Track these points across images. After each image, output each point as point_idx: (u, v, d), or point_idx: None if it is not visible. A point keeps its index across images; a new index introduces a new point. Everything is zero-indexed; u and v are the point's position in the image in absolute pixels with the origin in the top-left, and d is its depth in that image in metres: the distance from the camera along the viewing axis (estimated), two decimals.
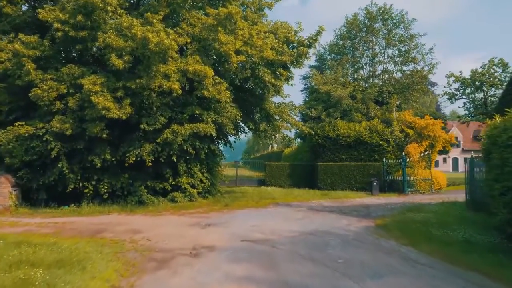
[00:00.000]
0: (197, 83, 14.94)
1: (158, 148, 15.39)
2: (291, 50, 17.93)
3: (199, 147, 16.78)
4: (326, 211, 16.38)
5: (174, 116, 15.94)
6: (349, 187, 25.64)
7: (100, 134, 14.08)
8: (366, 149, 26.22)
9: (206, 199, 18.70)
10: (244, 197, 20.66)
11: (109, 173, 15.95)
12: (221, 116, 16.30)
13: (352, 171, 25.74)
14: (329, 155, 26.85)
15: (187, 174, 17.56)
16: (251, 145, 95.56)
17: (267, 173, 28.26)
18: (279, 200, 19.82)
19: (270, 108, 18.46)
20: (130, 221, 13.11)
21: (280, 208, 17.02)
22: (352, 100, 28.90)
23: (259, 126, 18.88)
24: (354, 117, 28.23)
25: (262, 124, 18.82)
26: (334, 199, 21.07)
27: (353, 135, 26.35)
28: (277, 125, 18.76)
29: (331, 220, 13.84)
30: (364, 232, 11.39)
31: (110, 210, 15.35)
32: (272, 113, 18.47)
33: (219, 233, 11.03)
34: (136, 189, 16.28)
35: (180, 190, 17.44)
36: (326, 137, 26.88)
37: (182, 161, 16.72)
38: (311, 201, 20.04)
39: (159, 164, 16.55)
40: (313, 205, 18.33)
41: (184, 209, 16.03)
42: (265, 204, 18.29)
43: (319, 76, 30.08)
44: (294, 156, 38.22)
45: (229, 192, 23.18)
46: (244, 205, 17.77)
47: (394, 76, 32.47)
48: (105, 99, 13.39)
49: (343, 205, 18.62)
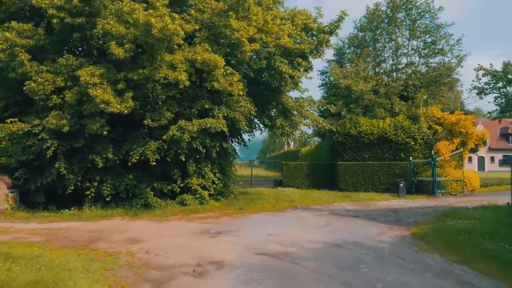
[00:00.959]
0: (206, 74, 13.48)
1: (164, 146, 13.99)
2: (310, 39, 16.28)
3: (210, 145, 15.31)
4: (351, 216, 14.72)
5: (182, 111, 14.52)
6: (373, 188, 23.81)
7: (100, 131, 12.74)
8: (390, 148, 24.34)
9: (218, 201, 17.25)
10: (260, 199, 19.12)
11: (112, 174, 14.63)
12: (233, 111, 14.80)
13: (375, 171, 23.91)
14: (351, 154, 25.06)
15: (197, 175, 16.13)
16: (266, 144, 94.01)
17: (284, 173, 26.65)
18: (297, 203, 18.21)
19: (287, 102, 16.83)
20: (131, 228, 11.72)
21: (299, 212, 15.42)
22: (374, 95, 27.01)
23: (275, 122, 17.28)
24: (377, 113, 26.35)
25: (278, 120, 17.22)
26: (357, 202, 19.36)
27: (376, 132, 24.50)
28: (295, 120, 17.11)
29: (359, 227, 12.18)
30: (400, 244, 9.70)
31: (113, 214, 14.03)
32: (289, 108, 16.85)
33: (230, 244, 9.51)
34: (142, 191, 14.92)
35: (190, 192, 16.03)
36: (347, 134, 25.09)
37: (191, 160, 15.29)
38: (333, 204, 18.38)
39: (167, 164, 15.17)
40: (335, 209, 16.67)
41: (193, 213, 14.59)
42: (282, 207, 16.71)
43: (338, 70, 28.29)
44: (312, 155, 36.46)
45: (244, 193, 21.68)
46: (259, 208, 16.24)
47: (419, 69, 30.37)
48: (105, 91, 12.04)
49: (368, 209, 16.92)
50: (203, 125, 13.33)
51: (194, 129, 13.14)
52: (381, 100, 26.69)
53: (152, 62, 12.53)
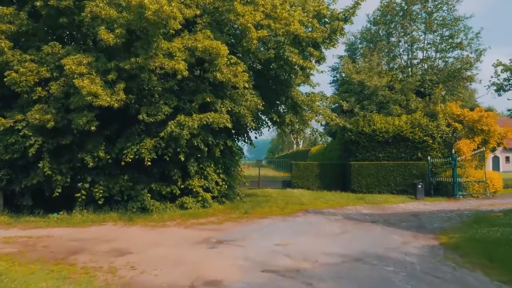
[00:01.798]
0: (208, 64, 12.11)
1: (161, 144, 12.66)
2: (322, 27, 14.82)
3: (213, 143, 13.96)
4: (368, 221, 13.27)
5: (181, 105, 13.18)
6: (388, 190, 22.26)
7: (88, 126, 11.42)
8: (407, 146, 22.77)
9: (222, 204, 15.90)
10: (268, 202, 17.74)
11: (105, 175, 13.35)
12: (238, 105, 13.41)
13: (391, 171, 22.34)
14: (364, 153, 23.54)
15: (199, 176, 14.80)
16: (275, 144, 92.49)
17: (294, 174, 25.21)
18: (308, 206, 16.79)
19: (297, 96, 15.38)
20: (122, 236, 10.40)
21: (311, 217, 14.00)
22: (389, 91, 25.41)
23: (285, 119, 15.83)
24: (392, 110, 24.75)
25: (288, 116, 15.77)
26: (372, 205, 17.89)
27: (391, 130, 22.95)
28: (306, 116, 15.64)
29: (379, 235, 10.74)
30: (431, 257, 8.24)
31: (106, 218, 12.74)
32: (300, 103, 15.39)
33: (231, 257, 8.14)
34: (138, 194, 13.61)
35: (191, 195, 14.70)
36: (360, 132, 23.57)
37: (192, 160, 13.96)
38: (346, 207, 16.94)
39: (165, 164, 13.86)
40: (349, 213, 15.23)
41: (194, 217, 13.26)
42: (292, 211, 15.30)
43: (350, 64, 26.74)
44: (322, 154, 34.98)
45: (250, 195, 20.32)
46: (267, 212, 14.85)
47: (436, 64, 28.63)
48: (93, 82, 10.72)
49: (385, 213, 15.47)
50: (204, 120, 11.94)
51: (194, 125, 11.76)
52: (396, 96, 25.07)
53: (147, 50, 11.19)
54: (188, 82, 13.60)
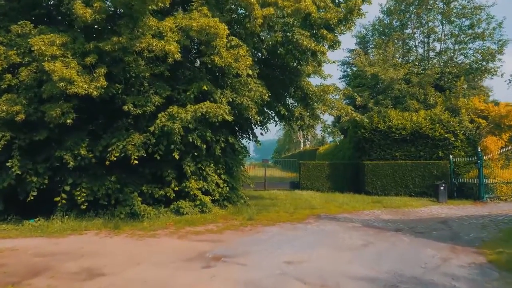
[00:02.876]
0: (205, 46, 10.37)
1: (151, 140, 10.93)
2: (336, 8, 13.01)
3: (212, 140, 12.25)
4: (391, 229, 11.45)
5: (175, 96, 11.47)
6: (406, 192, 20.39)
7: (63, 119, 9.71)
8: (426, 144, 20.89)
9: (224, 209, 14.17)
10: (275, 205, 15.97)
11: (89, 176, 11.66)
12: (240, 95, 11.66)
13: (408, 171, 20.46)
14: (379, 152, 21.69)
15: (197, 177, 13.09)
16: (281, 144, 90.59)
17: (302, 174, 23.40)
18: (320, 210, 15.00)
19: (308, 87, 13.56)
20: (100, 249, 8.68)
21: (325, 224, 12.21)
22: (406, 85, 23.50)
23: (294, 112, 14.03)
24: (409, 105, 22.84)
25: (297, 109, 13.97)
26: (391, 209, 16.05)
27: (409, 127, 21.07)
28: (318, 109, 13.81)
29: (409, 248, 8.93)
30: (486, 282, 6.41)
31: (88, 226, 11.05)
32: (311, 94, 13.59)
33: (229, 282, 6.37)
34: (127, 197, 11.92)
35: (188, 198, 13.00)
36: (375, 129, 21.72)
37: (188, 158, 12.26)
38: (363, 212, 15.13)
39: (158, 163, 12.18)
40: (368, 219, 13.43)
41: (190, 224, 11.54)
42: (302, 216, 13.52)
43: (363, 56, 24.87)
44: (331, 154, 33.09)
45: (256, 198, 18.56)
46: (274, 218, 13.08)
47: (455, 56, 26.65)
48: (68, 66, 9.03)
49: (408, 219, 13.64)
50: (199, 111, 10.15)
51: (188, 117, 10.00)
52: (414, 90, 23.14)
53: (132, 29, 9.49)
54: (183, 70, 11.89)
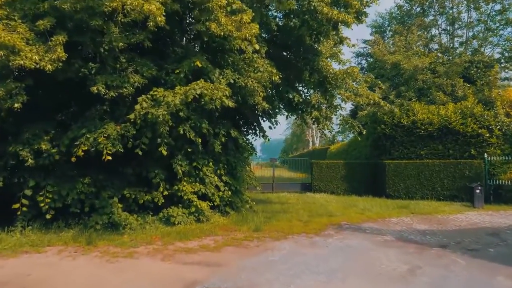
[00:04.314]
0: (198, 10, 8.04)
1: (130, 131, 8.61)
2: None
3: (210, 133, 9.94)
4: (434, 244, 9.07)
5: (162, 77, 9.15)
6: (433, 195, 17.94)
7: (9, 103, 7.41)
8: (456, 141, 18.43)
9: (225, 216, 11.86)
10: (285, 211, 13.62)
11: (55, 177, 9.40)
12: (244, 76, 9.30)
13: (436, 172, 18.00)
14: (401, 149, 19.27)
15: (192, 178, 10.82)
16: (289, 143, 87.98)
17: (315, 175, 21.00)
18: (340, 218, 12.62)
19: (327, 68, 11.13)
20: (51, 278, 6.36)
21: (349, 237, 9.83)
22: (432, 75, 20.97)
23: (310, 100, 11.62)
24: (435, 98, 20.33)
25: (314, 96, 11.57)
26: (422, 216, 13.66)
27: (437, 122, 18.63)
28: (340, 95, 11.35)
29: (471, 276, 6.56)
30: None
31: (53, 241, 8.75)
32: (330, 77, 11.15)
33: None
34: (105, 203, 9.64)
35: (181, 204, 10.70)
36: (397, 125, 19.31)
37: (180, 155, 9.97)
38: (390, 220, 12.75)
39: (144, 162, 9.91)
40: (399, 229, 11.04)
41: (182, 238, 9.22)
42: (320, 226, 11.13)
43: (382, 45, 22.39)
44: (344, 153, 30.58)
45: (263, 202, 16.23)
46: (286, 228, 10.70)
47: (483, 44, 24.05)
48: (14, 31, 6.77)
49: (447, 229, 11.27)
50: (191, 93, 7.78)
51: (176, 101, 7.64)
52: (440, 81, 20.60)
53: None
54: (173, 46, 9.57)
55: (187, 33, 10.01)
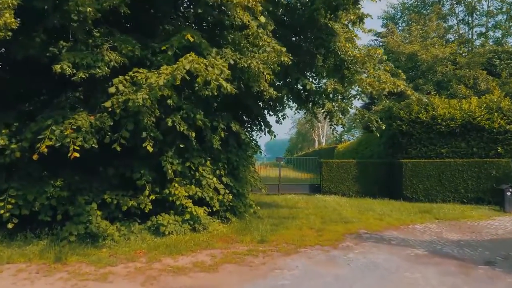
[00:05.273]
0: None
1: (107, 122, 7.01)
2: None
3: (206, 126, 8.35)
4: (477, 261, 7.45)
5: (146, 56, 7.56)
6: (455, 198, 16.26)
7: None
8: (481, 138, 16.71)
9: (226, 223, 10.30)
10: (294, 217, 12.00)
11: (20, 178, 7.85)
12: (248, 56, 7.69)
13: (459, 172, 16.31)
14: (419, 148, 17.59)
15: (187, 180, 9.24)
16: (293, 142, 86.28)
17: (324, 176, 19.34)
18: (357, 225, 10.99)
19: (345, 50, 9.41)
20: None
21: (372, 250, 8.21)
22: (453, 66, 19.23)
23: (325, 87, 9.93)
24: (456, 91, 18.60)
25: (329, 83, 9.90)
26: (448, 222, 12.05)
27: (459, 117, 16.93)
28: (360, 82, 9.63)
29: None
30: None
31: (14, 256, 7.19)
32: (349, 61, 9.44)
33: None
34: (81, 210, 8.06)
35: (173, 211, 9.12)
36: (415, 121, 17.63)
37: (171, 152, 8.39)
38: (414, 227, 11.14)
39: (128, 160, 8.34)
40: (429, 240, 9.43)
41: (173, 252, 7.66)
42: (336, 236, 9.51)
43: (396, 34, 20.68)
44: (353, 152, 28.81)
45: (269, 205, 14.62)
46: (296, 239, 9.09)
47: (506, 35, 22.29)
48: None
49: (484, 239, 9.66)
50: (179, 72, 6.11)
51: (160, 81, 6.01)
52: (463, 73, 18.84)
53: None
54: (162, 23, 8.00)
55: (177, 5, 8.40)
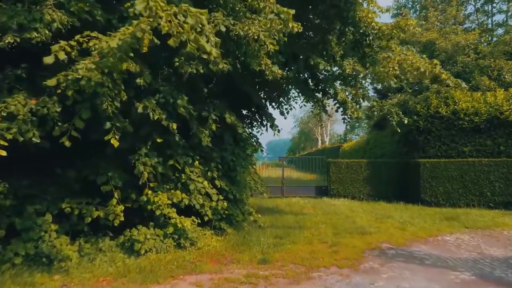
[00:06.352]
0: None
1: (53, 108, 5.20)
2: None
3: (192, 116, 6.53)
4: None
5: (111, 22, 5.74)
6: (481, 202, 14.48)
7: None
8: (509, 135, 14.90)
9: (220, 235, 8.51)
10: (302, 227, 10.17)
11: None
12: (244, 23, 5.84)
13: (484, 173, 14.50)
14: (439, 146, 15.77)
15: (171, 184, 7.44)
16: (296, 142, 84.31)
17: (332, 177, 17.51)
18: (377, 237, 9.16)
19: (368, 20, 7.53)
20: None
21: (405, 276, 6.38)
22: (475, 55, 17.37)
23: (343, 66, 8.04)
24: (479, 83, 16.76)
25: (348, 63, 8.01)
26: (481, 232, 10.31)
27: (484, 112, 15.11)
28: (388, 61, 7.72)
29: None
30: None
31: None
32: (373, 35, 7.55)
33: None
34: (31, 224, 6.26)
35: (153, 222, 7.32)
36: (433, 116, 15.82)
37: (145, 149, 6.57)
38: (443, 238, 9.37)
39: (93, 159, 6.53)
40: (470, 257, 7.62)
41: (146, 280, 5.87)
42: (354, 253, 7.67)
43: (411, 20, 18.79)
44: (361, 151, 26.92)
45: (271, 211, 12.84)
46: (306, 258, 7.26)
47: None
48: None
49: None
50: (139, 30, 4.16)
51: (113, 44, 4.17)
52: (487, 62, 16.95)
53: None
54: None
55: None
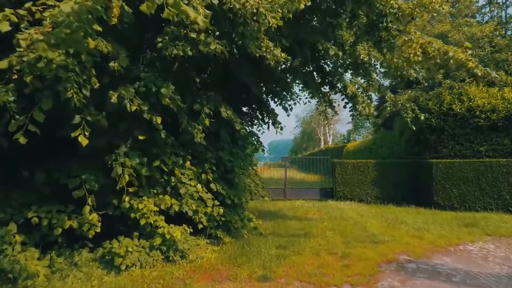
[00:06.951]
0: None
1: (4, 97, 4.25)
2: None
3: (180, 108, 5.57)
4: None
5: None
6: (499, 206, 13.46)
7: None
8: None
9: (216, 245, 7.55)
10: (307, 235, 9.18)
11: None
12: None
13: (503, 174, 13.48)
14: (452, 145, 14.81)
15: (159, 188, 6.49)
16: (298, 142, 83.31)
17: (338, 178, 16.51)
18: (392, 247, 8.17)
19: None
20: None
21: None
22: (491, 48, 16.37)
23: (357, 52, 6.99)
24: (495, 78, 15.74)
25: (361, 47, 6.96)
26: (505, 240, 9.38)
27: (502, 109, 14.14)
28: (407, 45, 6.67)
29: None
30: None
31: None
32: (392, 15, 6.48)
33: None
34: None
35: (139, 233, 6.37)
36: (446, 113, 14.86)
37: (125, 148, 5.61)
38: (466, 248, 8.39)
39: (65, 160, 5.57)
40: (501, 272, 6.64)
41: None
42: (368, 267, 6.66)
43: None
44: (366, 151, 25.91)
45: (273, 215, 11.86)
46: (313, 273, 6.28)
47: None
48: None
49: None
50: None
51: (66, 9, 3.20)
52: (503, 56, 15.94)
53: None
54: None
55: None
